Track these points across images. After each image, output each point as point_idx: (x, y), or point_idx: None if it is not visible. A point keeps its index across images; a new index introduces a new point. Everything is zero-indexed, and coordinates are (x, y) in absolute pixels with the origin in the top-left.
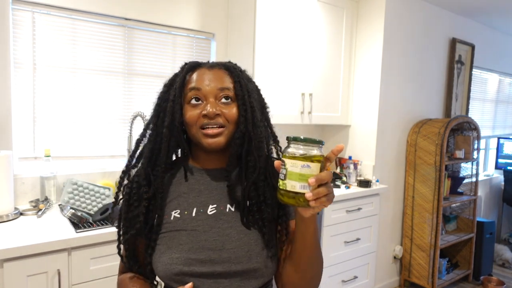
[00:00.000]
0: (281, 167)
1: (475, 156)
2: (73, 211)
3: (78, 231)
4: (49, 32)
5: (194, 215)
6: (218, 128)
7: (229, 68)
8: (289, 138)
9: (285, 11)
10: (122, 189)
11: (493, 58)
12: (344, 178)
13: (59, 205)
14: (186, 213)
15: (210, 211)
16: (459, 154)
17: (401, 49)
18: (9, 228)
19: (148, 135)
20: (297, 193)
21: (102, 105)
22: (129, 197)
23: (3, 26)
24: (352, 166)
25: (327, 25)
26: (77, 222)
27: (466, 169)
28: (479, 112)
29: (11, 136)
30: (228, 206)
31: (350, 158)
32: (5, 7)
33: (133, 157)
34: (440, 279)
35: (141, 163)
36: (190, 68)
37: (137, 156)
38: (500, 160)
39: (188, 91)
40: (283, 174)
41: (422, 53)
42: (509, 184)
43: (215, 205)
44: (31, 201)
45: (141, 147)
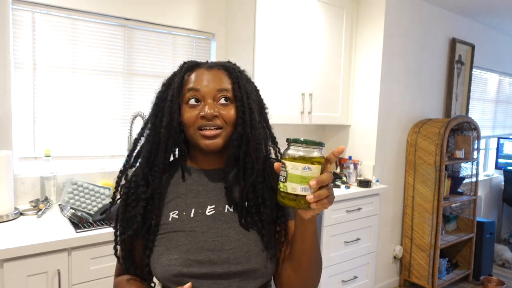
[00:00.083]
0: (281, 169)
1: (475, 156)
2: (73, 211)
3: (78, 231)
4: (49, 32)
5: (192, 216)
6: (216, 129)
7: (228, 69)
8: (289, 140)
9: (285, 11)
10: (120, 189)
11: (493, 58)
12: (344, 178)
13: (59, 205)
14: (185, 214)
15: (209, 212)
16: (459, 154)
17: (401, 49)
18: (9, 228)
19: (146, 134)
20: (298, 196)
21: (102, 105)
22: (126, 197)
23: (3, 26)
24: (352, 166)
25: (327, 25)
26: (77, 222)
27: (466, 169)
28: (479, 112)
29: (11, 136)
30: (227, 206)
31: (350, 158)
32: (5, 7)
33: (130, 156)
34: (440, 279)
35: (139, 163)
36: (188, 68)
37: (134, 156)
38: (500, 160)
39: (187, 92)
40: (283, 176)
41: (422, 53)
42: (509, 184)
43: (213, 206)
44: (31, 201)
45: (139, 147)
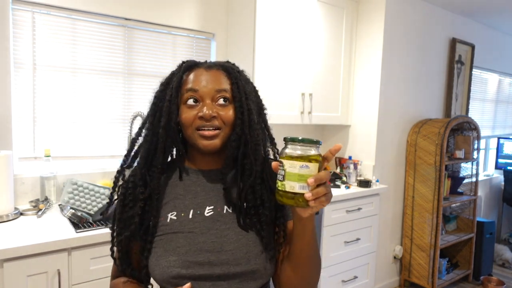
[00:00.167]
0: (279, 168)
1: (475, 156)
2: (73, 211)
3: (78, 231)
4: (49, 32)
5: (191, 217)
6: (214, 130)
7: (227, 69)
8: (286, 139)
9: (285, 11)
10: (117, 189)
11: (493, 58)
12: (344, 178)
13: (59, 205)
14: (183, 215)
15: (207, 213)
16: (459, 154)
17: (401, 49)
18: (9, 228)
19: (144, 134)
20: (296, 194)
21: (102, 105)
22: (124, 197)
23: (3, 26)
24: (352, 166)
25: (327, 25)
26: (77, 222)
27: (466, 169)
28: (479, 112)
29: (11, 136)
30: (225, 207)
31: (350, 158)
32: (5, 7)
33: (128, 156)
34: (440, 279)
35: (137, 163)
36: (187, 67)
37: (132, 156)
38: (500, 160)
39: (185, 92)
40: (281, 175)
41: (422, 53)
42: (509, 184)
43: (212, 207)
44: (31, 201)
45: (136, 147)
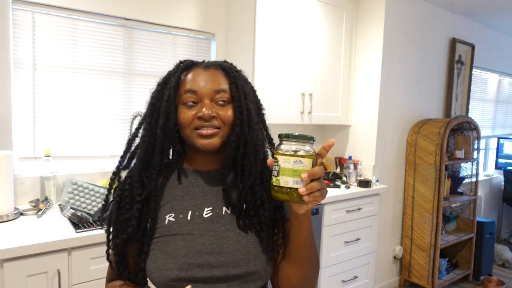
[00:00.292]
0: (273, 164)
1: (475, 156)
2: (73, 211)
3: (78, 231)
4: (49, 32)
5: (189, 218)
6: (213, 129)
7: (226, 69)
8: (281, 135)
9: (285, 11)
10: (113, 191)
11: (493, 58)
12: (344, 178)
13: (59, 205)
14: (181, 216)
15: (206, 214)
16: (459, 154)
17: (401, 49)
18: (9, 228)
19: (141, 135)
20: (291, 189)
21: (102, 105)
22: (120, 199)
23: (3, 26)
24: (352, 166)
25: (327, 25)
26: (77, 222)
27: (466, 169)
28: (479, 112)
29: (11, 136)
30: (224, 208)
31: (350, 158)
32: (5, 7)
33: (124, 158)
34: (440, 279)
35: (133, 164)
36: (185, 67)
37: (128, 157)
38: (500, 160)
39: (184, 93)
40: (276, 170)
41: (422, 53)
42: (509, 184)
43: (210, 208)
44: (31, 201)
45: (133, 148)
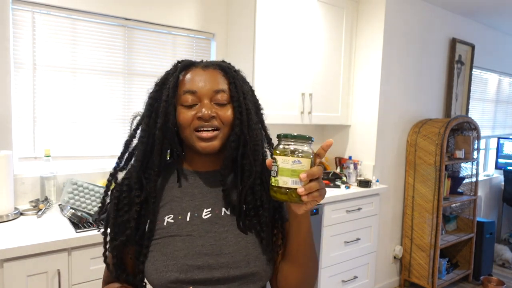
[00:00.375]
0: (272, 164)
1: (475, 156)
2: (73, 211)
3: (78, 231)
4: (49, 32)
5: (188, 219)
6: (213, 131)
7: (224, 69)
8: (279, 136)
9: (285, 11)
10: (110, 192)
11: (493, 58)
12: (344, 178)
13: (59, 205)
14: (180, 218)
15: (205, 215)
16: (459, 154)
17: (401, 49)
18: (9, 228)
19: (139, 136)
20: (289, 189)
21: (102, 105)
22: (118, 201)
23: (3, 26)
24: (352, 166)
25: (327, 25)
26: (77, 222)
27: (466, 169)
28: (479, 112)
29: (11, 136)
30: (223, 209)
31: (350, 158)
32: (5, 7)
33: (121, 159)
34: (440, 279)
35: (131, 165)
36: (183, 67)
37: (125, 158)
38: (500, 160)
39: (182, 93)
40: (274, 171)
41: (422, 53)
42: (509, 184)
43: (209, 209)
44: (31, 201)
45: (130, 149)
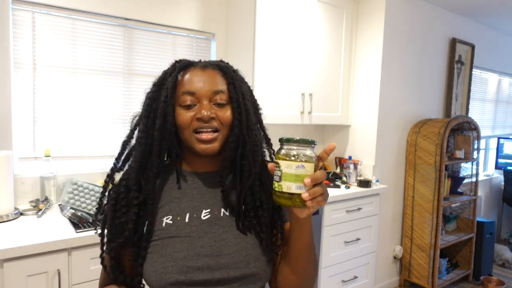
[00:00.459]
0: (275, 169)
1: (475, 156)
2: (73, 211)
3: (78, 231)
4: (49, 32)
5: (187, 220)
6: (213, 133)
7: (223, 69)
8: (281, 140)
9: (285, 11)
10: (107, 193)
11: (493, 58)
12: (344, 178)
13: (59, 205)
14: (179, 218)
15: (204, 216)
16: (459, 154)
17: (401, 49)
18: (9, 228)
19: (137, 137)
20: (293, 194)
21: (102, 105)
22: (115, 202)
23: (3, 26)
24: (352, 166)
25: (327, 25)
26: (77, 222)
27: (466, 169)
28: (479, 112)
29: (11, 136)
30: (222, 210)
31: (350, 158)
32: (5, 7)
33: (119, 159)
34: (440, 279)
35: (129, 166)
36: (182, 67)
37: (123, 159)
38: (500, 160)
39: (181, 94)
40: (277, 176)
41: (422, 53)
42: (509, 184)
43: (208, 210)
44: (31, 201)
45: (128, 149)
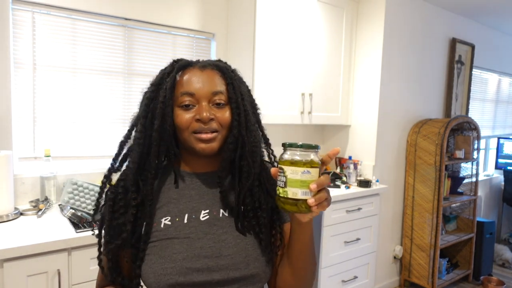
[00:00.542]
0: (278, 174)
1: (475, 156)
2: (73, 211)
3: (78, 231)
4: (49, 32)
5: (186, 221)
6: (212, 133)
7: (222, 69)
8: (285, 145)
9: (285, 11)
10: (105, 194)
11: (493, 58)
12: (344, 178)
13: (59, 205)
14: (178, 219)
15: (203, 217)
16: (459, 154)
17: (401, 49)
18: (9, 228)
19: (134, 137)
20: (298, 200)
21: (102, 105)
22: (113, 203)
23: (3, 26)
24: (352, 166)
25: (327, 25)
26: (77, 222)
27: (466, 169)
28: (479, 112)
29: (11, 136)
30: (221, 211)
31: (350, 158)
32: (5, 7)
33: (116, 160)
34: (440, 279)
35: (126, 166)
36: (180, 67)
37: (120, 160)
38: (500, 160)
39: (180, 95)
40: (282, 181)
41: (422, 53)
42: (509, 184)
43: (207, 211)
44: (31, 201)
45: (125, 150)
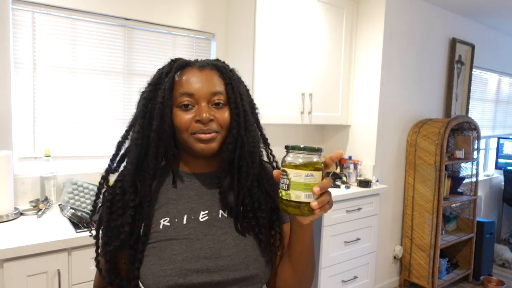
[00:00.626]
0: (281, 177)
1: (475, 156)
2: (73, 211)
3: (78, 231)
4: (49, 32)
5: (185, 222)
6: (211, 133)
7: (220, 69)
8: (288, 147)
9: (285, 11)
10: (102, 195)
11: (493, 58)
12: (344, 178)
13: (59, 205)
14: (177, 220)
15: (202, 218)
16: (459, 154)
17: (401, 49)
18: (9, 228)
19: (132, 138)
20: (301, 203)
21: (102, 105)
22: (111, 204)
23: (3, 26)
24: (352, 166)
25: (327, 25)
26: (77, 222)
27: (466, 169)
28: (479, 112)
29: (11, 136)
30: (221, 212)
31: (350, 158)
32: (5, 7)
33: (113, 160)
34: (440, 279)
35: (124, 167)
36: (179, 67)
37: (118, 160)
38: (500, 160)
39: (179, 95)
40: (285, 184)
41: (422, 53)
42: (509, 184)
43: (206, 211)
44: (31, 201)
45: (123, 150)
